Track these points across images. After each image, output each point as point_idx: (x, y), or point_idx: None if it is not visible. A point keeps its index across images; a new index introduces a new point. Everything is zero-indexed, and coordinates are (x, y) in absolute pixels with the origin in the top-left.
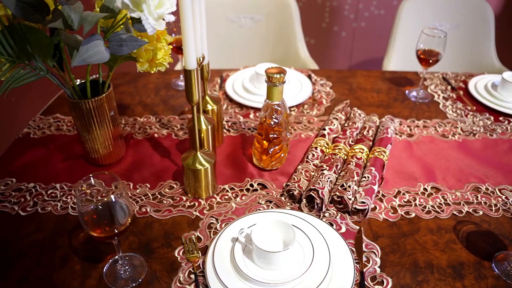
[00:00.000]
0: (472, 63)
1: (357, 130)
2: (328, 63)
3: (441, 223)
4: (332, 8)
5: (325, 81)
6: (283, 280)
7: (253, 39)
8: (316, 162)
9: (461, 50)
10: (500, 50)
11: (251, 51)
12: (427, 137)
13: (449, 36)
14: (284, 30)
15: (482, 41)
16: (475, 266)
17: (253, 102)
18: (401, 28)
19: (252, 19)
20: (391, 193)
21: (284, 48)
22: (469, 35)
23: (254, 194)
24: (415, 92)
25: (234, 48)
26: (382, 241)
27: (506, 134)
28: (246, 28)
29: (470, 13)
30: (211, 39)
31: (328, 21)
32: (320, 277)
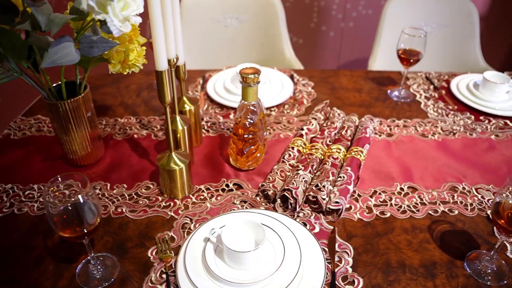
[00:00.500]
0: (458, 62)
1: (336, 130)
2: (316, 63)
3: (416, 222)
4: (320, 8)
5: (307, 81)
6: (253, 280)
7: (239, 40)
8: (292, 162)
9: (446, 50)
10: (486, 50)
11: (237, 51)
12: (407, 137)
13: (435, 36)
14: (269, 30)
15: (467, 41)
16: (447, 265)
17: (233, 103)
18: (386, 28)
19: (238, 19)
20: (367, 193)
21: (270, 48)
22: (454, 35)
23: (230, 194)
24: (397, 92)
25: (219, 49)
26: (355, 241)
27: (485, 134)
28: (231, 29)
29: (455, 13)
30: (196, 40)
31: (316, 21)
32: (290, 277)
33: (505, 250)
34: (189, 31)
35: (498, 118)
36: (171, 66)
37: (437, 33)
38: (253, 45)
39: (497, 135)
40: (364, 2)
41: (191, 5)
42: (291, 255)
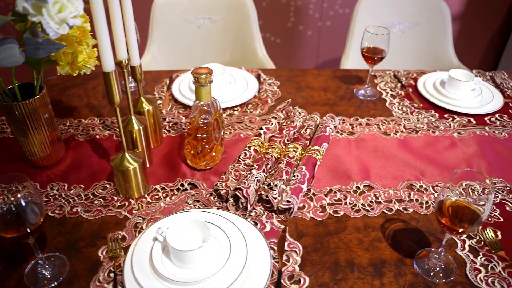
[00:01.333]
0: (431, 61)
1: (295, 129)
2: (295, 63)
3: (369, 221)
4: (297, 7)
5: (274, 80)
6: (197, 278)
7: (212, 40)
8: (248, 162)
9: (420, 48)
10: (463, 49)
11: (210, 51)
12: (369, 135)
13: (408, 35)
14: (241, 30)
15: (440, 39)
16: (396, 264)
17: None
18: (358, 27)
19: (210, 20)
20: (322, 192)
21: (242, 48)
22: (427, 33)
23: (184, 194)
24: (363, 90)
25: (193, 49)
26: (306, 240)
27: (448, 131)
28: (204, 29)
29: (427, 12)
30: (169, 40)
31: (293, 21)
32: (235, 275)
33: (455, 248)
34: (161, 31)
35: (462, 116)
36: (123, 67)
37: (409, 31)
38: (226, 45)
39: (459, 132)
40: (340, 1)
41: (163, 5)
42: (238, 253)
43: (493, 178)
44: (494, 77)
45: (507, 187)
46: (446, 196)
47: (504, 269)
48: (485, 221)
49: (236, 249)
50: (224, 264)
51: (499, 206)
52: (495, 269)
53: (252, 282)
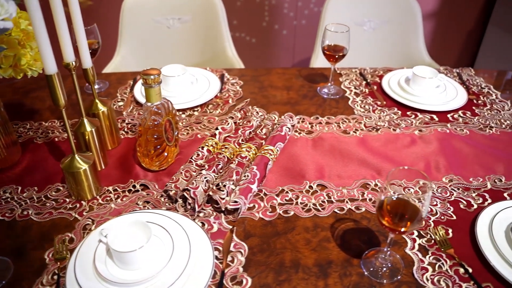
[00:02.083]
0: (403, 58)
1: (251, 128)
2: (271, 62)
3: (319, 221)
4: (271, 6)
5: (237, 80)
6: (137, 279)
7: (182, 40)
8: (200, 162)
9: (391, 45)
10: (438, 47)
11: (180, 52)
12: (327, 134)
13: (378, 32)
14: (211, 30)
15: (411, 37)
16: (343, 264)
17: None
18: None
19: (180, 20)
20: (274, 192)
21: (213, 48)
22: (398, 30)
23: (135, 195)
24: (327, 89)
25: (163, 50)
26: (252, 241)
27: (409, 129)
28: (174, 29)
29: (397, 9)
30: (139, 42)
31: (268, 20)
32: (176, 276)
33: (404, 247)
34: (131, 33)
35: (425, 113)
36: (71, 70)
37: (380, 29)
38: (196, 45)
39: (420, 130)
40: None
41: (132, 6)
42: (180, 254)
43: (450, 176)
44: (461, 74)
45: (463, 184)
46: (385, 196)
47: (451, 267)
48: (438, 219)
49: (179, 249)
50: (165, 265)
51: (453, 204)
52: (442, 267)
53: (193, 283)
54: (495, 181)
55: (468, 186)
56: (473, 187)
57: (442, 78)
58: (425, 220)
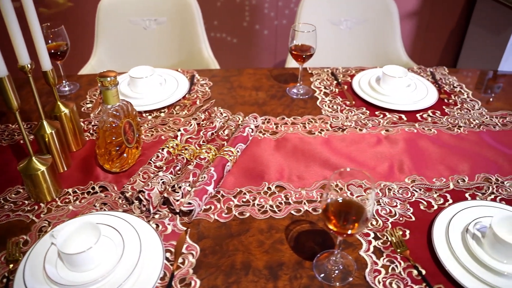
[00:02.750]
0: (380, 57)
1: (214, 129)
2: (253, 63)
3: (275, 223)
4: (252, 7)
5: (207, 80)
6: (85, 281)
7: (159, 41)
8: (159, 164)
9: (368, 45)
10: (419, 47)
11: (157, 53)
12: (292, 135)
13: (355, 31)
14: (187, 31)
15: (388, 36)
16: (294, 266)
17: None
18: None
19: (156, 21)
20: (231, 193)
21: (189, 49)
22: (375, 30)
23: (93, 197)
24: (296, 89)
25: (140, 51)
26: (205, 242)
27: (376, 129)
28: (150, 31)
29: (373, 8)
30: (116, 43)
31: (249, 20)
32: (124, 278)
33: (359, 249)
34: (107, 34)
35: (393, 113)
36: (27, 72)
37: (357, 28)
38: (172, 47)
39: (387, 130)
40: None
41: (107, 8)
42: (130, 256)
43: (413, 176)
44: (434, 73)
45: (425, 185)
46: (330, 199)
47: (404, 270)
48: (396, 221)
49: (130, 251)
50: (114, 267)
51: (414, 205)
52: (395, 269)
53: (142, 284)
54: (458, 182)
55: (431, 186)
56: (435, 188)
57: (413, 77)
58: (383, 222)
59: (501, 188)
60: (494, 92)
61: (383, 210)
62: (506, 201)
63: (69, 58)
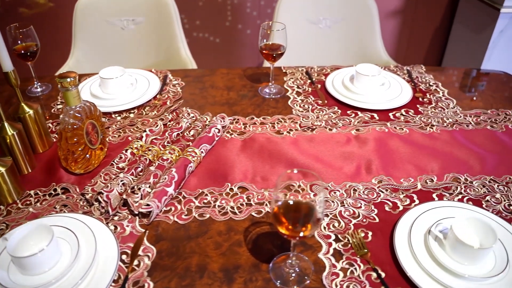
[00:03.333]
0: (360, 56)
1: (180, 130)
2: (236, 62)
3: (234, 224)
4: (234, 6)
5: (179, 81)
6: (37, 284)
7: (137, 42)
8: (122, 165)
9: (348, 43)
10: (403, 46)
11: (135, 53)
12: (260, 135)
13: (335, 30)
14: (164, 31)
15: (368, 35)
16: (250, 269)
17: (102, 108)
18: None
19: (134, 22)
20: (193, 194)
21: (167, 49)
22: (354, 28)
23: (55, 199)
24: (268, 89)
25: (118, 52)
26: (162, 244)
27: (346, 128)
28: (128, 31)
29: (352, 7)
30: (93, 44)
31: (231, 19)
32: (76, 280)
33: (319, 251)
34: (85, 35)
35: (365, 112)
36: None
37: (336, 27)
38: (150, 47)
39: (358, 129)
40: None
41: (85, 8)
42: (85, 258)
43: (380, 176)
44: (411, 71)
45: (392, 185)
46: (278, 202)
47: (363, 273)
48: (359, 222)
49: (84, 254)
50: (67, 270)
51: (378, 206)
52: (354, 272)
53: (94, 287)
54: (426, 182)
55: (398, 187)
56: (402, 188)
57: (388, 76)
58: (346, 223)
59: (469, 188)
60: (470, 91)
61: (346, 211)
62: (473, 201)
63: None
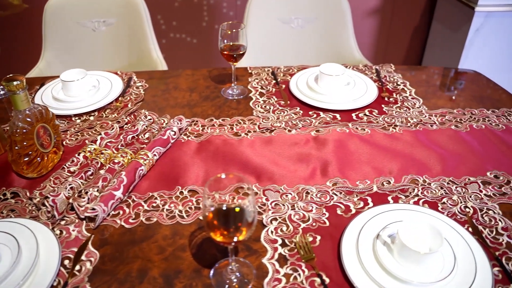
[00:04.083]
0: (333, 56)
1: (135, 133)
2: (213, 63)
3: (180, 228)
4: (210, 6)
5: (143, 82)
6: None
7: (108, 43)
8: (73, 169)
9: (321, 43)
10: (382, 45)
11: (107, 55)
12: (217, 137)
13: (307, 30)
14: (135, 32)
15: (341, 34)
16: (192, 274)
17: (59, 110)
18: (252, 24)
19: (105, 23)
20: (143, 198)
21: (138, 50)
22: (327, 28)
23: (2, 203)
24: (231, 90)
25: (89, 53)
26: (106, 249)
27: (306, 129)
28: (99, 32)
29: (325, 6)
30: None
31: (208, 20)
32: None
33: (263, 256)
34: (55, 36)
35: (328, 112)
36: None
37: (309, 26)
38: (122, 48)
39: (318, 130)
40: None
41: (54, 10)
42: (25, 264)
43: (335, 179)
44: (379, 70)
45: (347, 188)
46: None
47: (307, 278)
48: (308, 226)
49: (25, 259)
50: (5, 275)
51: (330, 209)
52: (297, 278)
53: None
54: (383, 184)
55: (352, 189)
56: (357, 191)
57: (354, 75)
58: (294, 228)
59: (426, 190)
60: (438, 90)
61: (296, 215)
62: (429, 203)
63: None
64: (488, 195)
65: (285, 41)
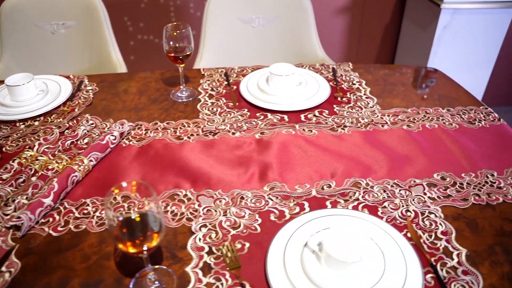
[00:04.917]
0: (296, 55)
1: (75, 138)
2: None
3: (109, 236)
4: (176, 7)
5: (94, 86)
6: None
7: (68, 46)
8: (5, 176)
9: (283, 42)
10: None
11: (67, 58)
12: (159, 141)
13: (269, 29)
14: (95, 35)
15: (303, 33)
16: (113, 284)
17: (4, 116)
18: (211, 24)
19: (64, 25)
20: (75, 205)
21: (98, 53)
22: (289, 27)
23: None
24: (180, 92)
25: (49, 57)
26: (29, 259)
27: (251, 131)
28: (59, 35)
29: (286, 4)
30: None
31: (175, 21)
32: None
33: (188, 264)
34: (13, 39)
35: (276, 113)
36: None
37: (270, 25)
38: (82, 51)
39: (262, 132)
40: None
41: (11, 11)
42: None
43: (273, 183)
44: (336, 69)
45: (284, 192)
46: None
47: None
48: (238, 233)
49: None
50: None
51: (264, 215)
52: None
53: None
54: (322, 188)
55: (290, 194)
56: (295, 195)
57: (306, 75)
58: (224, 234)
59: (368, 193)
60: (394, 89)
61: (227, 221)
62: (369, 208)
63: None
64: (432, 197)
65: (246, 41)
